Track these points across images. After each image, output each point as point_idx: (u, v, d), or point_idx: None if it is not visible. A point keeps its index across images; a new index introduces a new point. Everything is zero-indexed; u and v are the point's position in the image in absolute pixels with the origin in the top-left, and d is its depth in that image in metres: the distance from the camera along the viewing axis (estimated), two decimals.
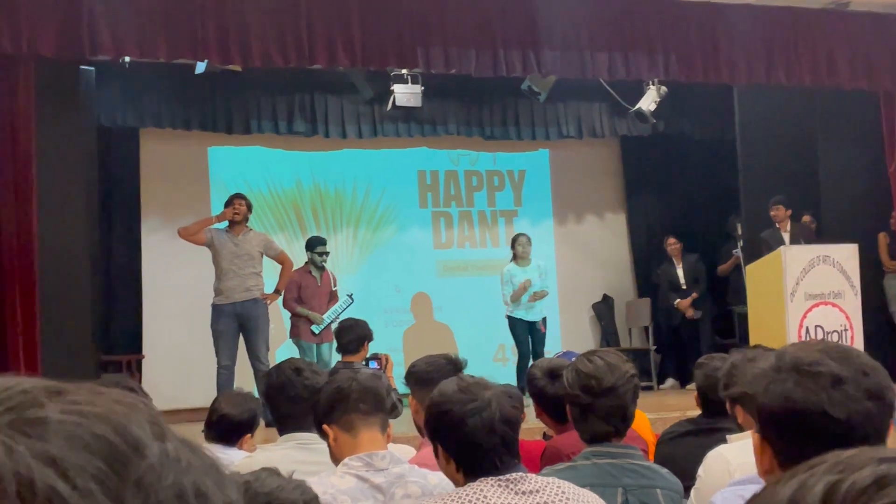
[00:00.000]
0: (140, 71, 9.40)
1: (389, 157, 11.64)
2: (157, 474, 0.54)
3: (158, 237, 10.60)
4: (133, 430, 0.55)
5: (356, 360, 6.57)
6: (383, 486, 2.77)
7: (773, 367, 1.54)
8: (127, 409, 0.57)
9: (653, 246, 11.99)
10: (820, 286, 7.79)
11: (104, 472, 0.52)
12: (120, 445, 0.54)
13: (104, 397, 0.57)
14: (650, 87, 10.14)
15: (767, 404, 1.53)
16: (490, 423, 2.39)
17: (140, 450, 0.54)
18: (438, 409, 2.47)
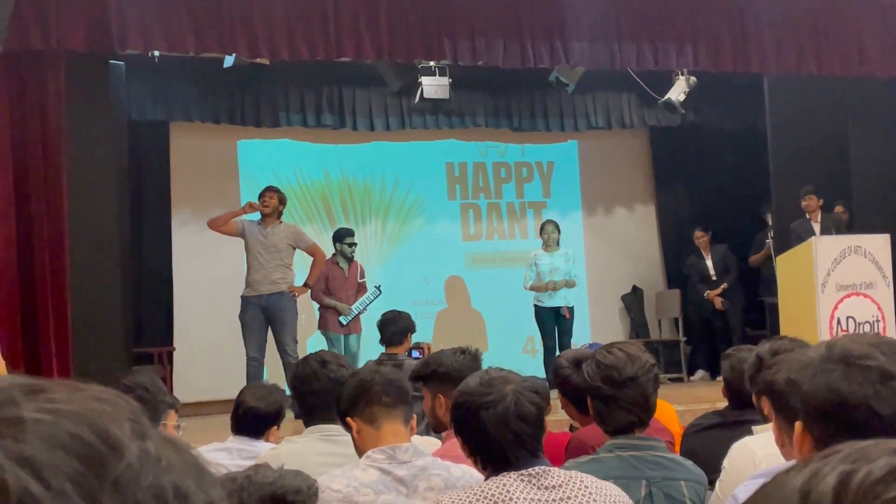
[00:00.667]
0: (169, 65, 9.45)
1: (417, 149, 11.64)
2: (136, 474, 0.53)
3: (188, 230, 10.67)
4: (111, 430, 0.54)
5: (400, 351, 6.60)
6: (406, 478, 2.78)
7: (822, 356, 1.53)
8: (106, 406, 0.56)
9: (682, 237, 11.93)
10: (851, 277, 7.72)
11: (80, 473, 0.51)
12: (97, 445, 0.53)
13: (83, 395, 0.56)
14: (679, 78, 10.07)
15: (812, 393, 1.52)
16: (503, 417, 2.39)
17: (118, 449, 0.53)
18: (458, 402, 2.48)
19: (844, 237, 8.25)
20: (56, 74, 7.79)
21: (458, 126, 11.35)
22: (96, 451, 0.52)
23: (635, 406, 2.91)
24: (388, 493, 2.76)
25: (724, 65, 8.84)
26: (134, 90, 9.88)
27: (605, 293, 12.06)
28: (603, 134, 11.98)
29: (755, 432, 3.06)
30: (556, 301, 9.60)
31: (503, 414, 2.39)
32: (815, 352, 1.56)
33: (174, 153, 10.87)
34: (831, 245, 7.86)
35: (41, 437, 0.51)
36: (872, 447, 0.65)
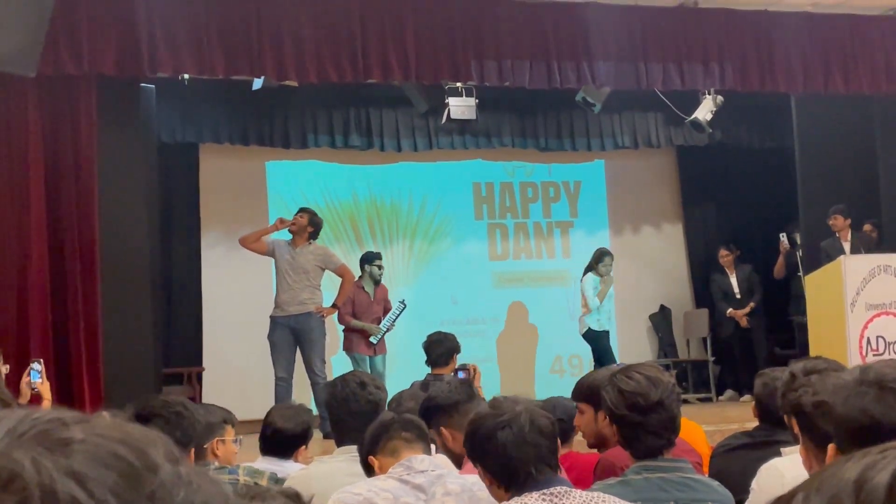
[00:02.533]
0: (199, 87, 9.54)
1: (444, 169, 11.68)
2: (169, 490, 0.58)
3: (218, 251, 10.74)
4: (148, 451, 0.59)
5: (445, 372, 6.63)
6: (424, 485, 2.84)
7: (856, 379, 1.53)
8: (145, 435, 0.61)
9: (710, 256, 11.88)
10: (881, 296, 7.67)
11: (120, 486, 0.56)
12: (136, 463, 0.58)
13: (124, 426, 0.62)
14: (706, 97, 10.06)
15: (846, 416, 1.53)
16: (521, 434, 2.41)
17: (154, 469, 0.58)
18: (472, 428, 2.50)
19: (873, 256, 8.21)
20: (87, 98, 7.90)
21: (485, 146, 11.38)
22: (134, 468, 0.58)
23: (664, 429, 2.90)
24: (407, 497, 2.80)
25: (750, 84, 8.83)
26: (164, 113, 9.98)
27: (633, 313, 12.02)
28: (630, 153, 11.97)
29: (784, 454, 3.05)
30: (605, 325, 9.92)
31: (520, 431, 2.41)
32: (849, 375, 1.57)
33: (203, 175, 10.96)
34: (860, 264, 7.83)
35: (87, 454, 0.57)
36: None
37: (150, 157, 9.31)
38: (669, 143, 11.82)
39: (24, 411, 0.61)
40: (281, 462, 3.92)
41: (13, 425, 0.58)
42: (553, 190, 12.26)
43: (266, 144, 10.72)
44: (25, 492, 0.54)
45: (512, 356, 11.55)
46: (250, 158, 10.97)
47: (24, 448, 0.56)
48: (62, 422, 0.59)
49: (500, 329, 11.70)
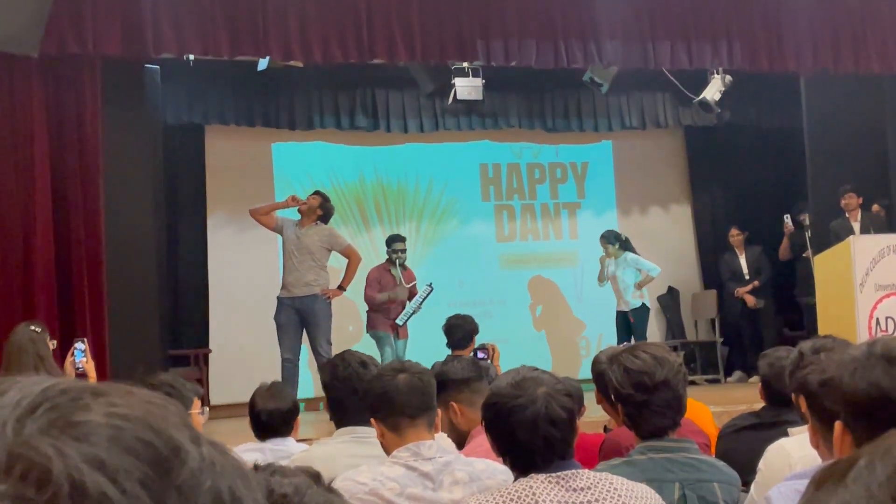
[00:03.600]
0: (203, 68, 9.51)
1: (451, 150, 11.63)
2: (197, 479, 0.56)
3: (224, 233, 10.73)
4: (174, 435, 0.56)
5: (465, 353, 6.71)
6: (431, 473, 2.80)
7: (863, 353, 1.51)
8: (162, 411, 0.58)
9: (719, 237, 11.84)
10: (890, 277, 7.61)
11: (149, 477, 0.53)
12: (162, 450, 0.55)
13: (137, 398, 0.58)
14: (714, 77, 10.00)
15: (853, 390, 1.51)
16: (533, 422, 2.37)
17: (181, 455, 0.56)
18: (489, 402, 2.47)
19: (883, 236, 8.14)
20: (92, 79, 7.87)
21: (492, 127, 11.33)
22: (162, 455, 0.55)
23: (669, 409, 2.86)
24: (414, 486, 2.77)
25: (759, 64, 8.76)
26: (169, 94, 9.95)
27: None
28: (637, 134, 11.91)
29: (791, 434, 3.02)
30: (622, 306, 9.97)
31: (533, 418, 2.37)
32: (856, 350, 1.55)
33: (209, 156, 10.94)
34: (869, 244, 7.77)
35: (110, 440, 0.54)
36: None
37: (155, 138, 9.29)
38: (677, 124, 11.76)
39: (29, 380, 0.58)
40: (283, 441, 3.93)
41: (20, 397, 0.55)
42: (560, 171, 12.20)
43: (272, 126, 10.69)
44: (53, 487, 0.51)
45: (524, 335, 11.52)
46: (256, 140, 10.94)
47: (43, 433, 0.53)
48: (77, 398, 0.56)
49: (506, 310, 11.64)
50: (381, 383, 2.93)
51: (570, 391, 2.49)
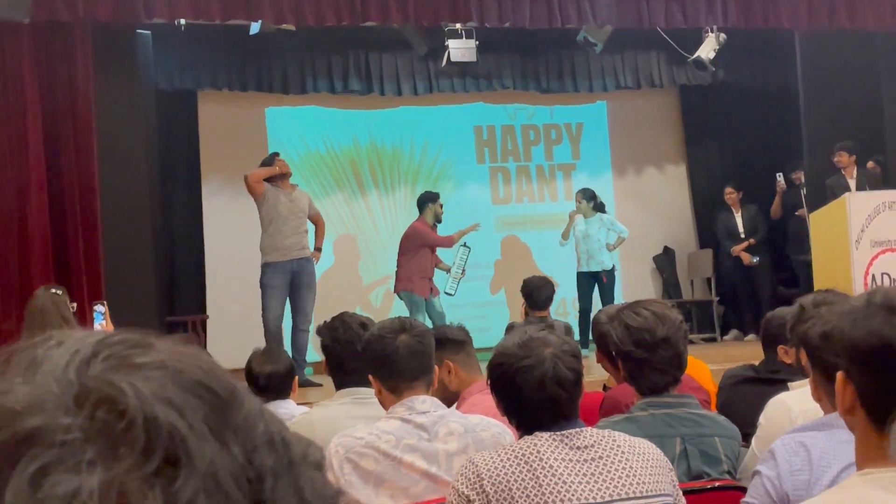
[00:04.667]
0: (195, 33, 9.44)
1: (445, 113, 11.59)
2: (252, 422, 0.58)
3: (219, 199, 10.71)
4: (227, 379, 0.60)
5: (545, 314, 6.80)
6: (427, 424, 2.84)
7: (863, 304, 1.52)
8: (208, 358, 0.61)
9: (714, 197, 11.82)
10: (886, 233, 7.62)
11: (209, 415, 0.56)
12: (220, 392, 0.58)
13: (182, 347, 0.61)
14: (709, 35, 9.94)
15: (854, 339, 1.52)
16: (540, 382, 2.37)
17: (237, 397, 0.59)
18: (495, 362, 2.47)
19: (878, 193, 8.14)
20: (84, 45, 7.82)
21: (486, 89, 11.29)
22: (220, 397, 0.57)
23: (669, 366, 2.88)
24: (410, 437, 2.80)
25: (754, 21, 8.72)
26: (161, 59, 9.89)
27: (637, 254, 11.99)
28: (632, 94, 11.87)
29: (791, 388, 3.04)
30: (593, 266, 9.74)
31: (540, 379, 2.38)
32: (856, 301, 1.55)
33: (202, 122, 10.89)
34: (865, 201, 7.77)
35: (172, 380, 0.56)
36: None
37: (148, 104, 9.25)
38: (672, 83, 11.72)
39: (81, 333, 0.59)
40: (284, 403, 3.96)
41: (78, 346, 0.57)
42: (555, 132, 12.17)
43: (265, 90, 10.64)
44: (128, 418, 0.53)
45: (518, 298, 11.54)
46: (249, 105, 10.90)
47: (111, 371, 0.55)
48: (136, 343, 0.58)
49: (503, 273, 11.66)
50: (382, 344, 2.93)
51: (576, 352, 2.50)
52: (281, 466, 0.58)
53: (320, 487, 0.60)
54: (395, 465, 2.78)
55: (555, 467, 2.30)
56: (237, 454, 0.55)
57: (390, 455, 2.78)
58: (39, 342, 0.58)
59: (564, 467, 2.31)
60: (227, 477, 0.54)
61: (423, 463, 2.80)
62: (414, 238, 9.26)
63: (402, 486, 2.78)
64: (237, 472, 0.55)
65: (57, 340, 0.58)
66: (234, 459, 0.55)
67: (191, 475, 0.52)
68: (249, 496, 0.55)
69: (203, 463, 0.53)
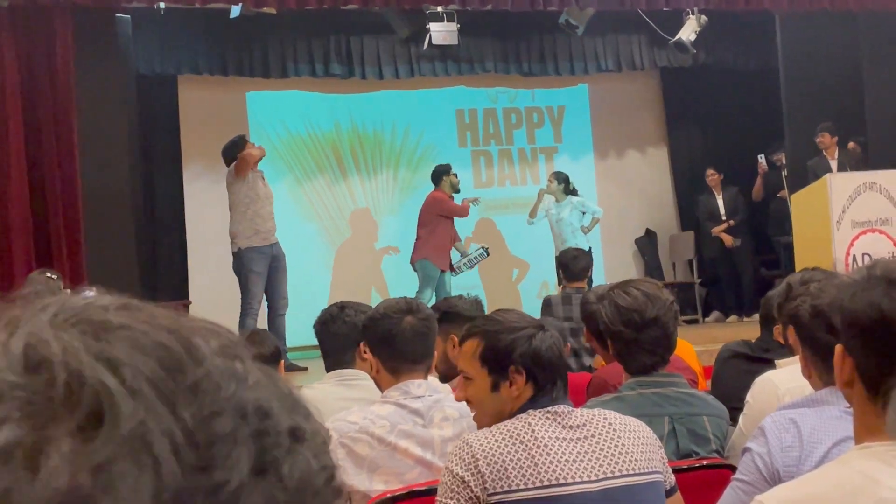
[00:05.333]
0: (175, 17, 9.39)
1: (427, 96, 11.57)
2: (215, 383, 0.54)
3: (200, 184, 10.66)
4: (195, 341, 0.55)
5: (582, 285, 6.75)
6: (422, 409, 2.83)
7: (863, 277, 1.53)
8: (199, 325, 0.57)
9: (695, 179, 11.86)
10: (867, 213, 7.67)
11: (158, 374, 0.52)
12: (178, 352, 0.54)
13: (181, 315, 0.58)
14: (690, 17, 9.96)
15: (853, 311, 1.52)
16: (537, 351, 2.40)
17: (198, 358, 0.54)
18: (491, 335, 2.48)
19: (859, 174, 8.18)
20: (63, 28, 7.75)
21: (468, 72, 11.26)
22: (175, 356, 0.54)
23: (658, 346, 2.88)
24: (405, 423, 2.79)
25: (734, 2, 8.74)
26: (141, 44, 9.83)
27: (619, 237, 12.03)
28: (613, 76, 11.88)
29: (778, 366, 3.06)
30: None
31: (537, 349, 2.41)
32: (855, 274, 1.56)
33: (183, 106, 10.84)
34: (846, 182, 7.81)
35: (127, 340, 0.53)
36: None
37: (128, 89, 9.19)
38: (653, 66, 11.73)
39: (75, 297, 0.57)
40: None
41: (57, 310, 0.55)
42: (537, 115, 12.17)
43: (246, 75, 10.59)
44: (49, 373, 0.51)
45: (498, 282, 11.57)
46: (230, 89, 10.84)
47: (56, 330, 0.53)
48: (104, 307, 0.56)
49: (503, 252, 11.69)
50: (388, 324, 2.89)
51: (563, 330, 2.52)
52: (244, 434, 0.53)
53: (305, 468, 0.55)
54: (390, 451, 2.77)
55: (549, 446, 2.31)
56: (185, 417, 0.51)
57: (385, 441, 2.77)
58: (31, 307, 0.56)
59: (558, 446, 2.32)
60: (162, 440, 0.50)
61: (417, 450, 2.79)
62: (433, 206, 9.30)
63: (397, 473, 2.77)
64: (178, 437, 0.51)
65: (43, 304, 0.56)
66: (179, 422, 0.51)
67: (112, 435, 0.49)
68: (192, 463, 0.51)
69: (130, 423, 0.50)
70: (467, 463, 2.31)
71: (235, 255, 8.31)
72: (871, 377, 1.51)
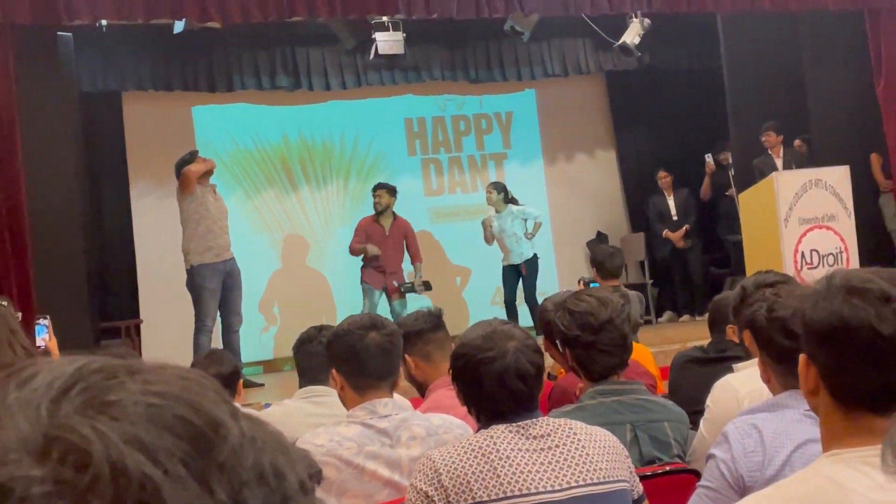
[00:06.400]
0: (118, 34, 9.31)
1: (375, 106, 11.55)
2: (239, 455, 0.54)
3: (148, 200, 10.56)
4: (213, 412, 0.55)
5: (616, 283, 6.70)
6: (389, 429, 2.81)
7: (823, 287, 1.56)
8: (199, 387, 0.57)
9: (644, 180, 11.95)
10: (813, 210, 7.79)
11: (190, 455, 0.52)
12: (202, 427, 0.53)
13: (172, 374, 0.57)
14: (633, 20, 10.03)
15: (815, 320, 1.55)
16: (501, 375, 2.38)
17: (221, 431, 0.54)
18: (458, 353, 2.48)
19: (804, 171, 8.31)
20: (4, 50, 7.63)
21: (415, 81, 11.27)
22: (202, 433, 0.53)
23: (615, 348, 2.94)
24: (372, 444, 2.77)
25: (677, 5, 8.81)
26: (83, 61, 9.72)
27: (570, 240, 12.09)
28: (560, 81, 11.94)
29: (736, 369, 3.09)
30: (514, 260, 9.80)
31: (502, 372, 2.38)
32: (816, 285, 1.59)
33: (128, 123, 10.73)
34: (792, 179, 7.92)
35: (149, 419, 0.52)
36: None
37: (72, 107, 9.09)
38: (599, 69, 11.81)
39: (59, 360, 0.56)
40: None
41: (52, 378, 0.54)
42: (485, 122, 12.21)
43: (191, 89, 10.51)
44: (94, 469, 0.49)
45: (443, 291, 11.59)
46: (176, 104, 10.75)
47: (80, 414, 0.51)
48: (112, 376, 0.54)
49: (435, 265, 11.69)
50: (351, 340, 2.88)
51: (538, 347, 2.51)
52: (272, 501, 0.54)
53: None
54: (358, 473, 2.75)
55: (512, 458, 2.31)
56: (221, 495, 0.52)
57: (352, 463, 2.75)
58: (15, 371, 0.55)
59: (521, 457, 2.32)
60: None
61: (385, 471, 2.77)
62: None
63: (366, 495, 2.74)
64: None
65: (32, 371, 0.55)
66: (216, 500, 0.51)
67: None
68: None
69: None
70: (430, 478, 2.31)
71: (188, 272, 8.22)
72: (835, 385, 1.54)
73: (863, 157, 9.58)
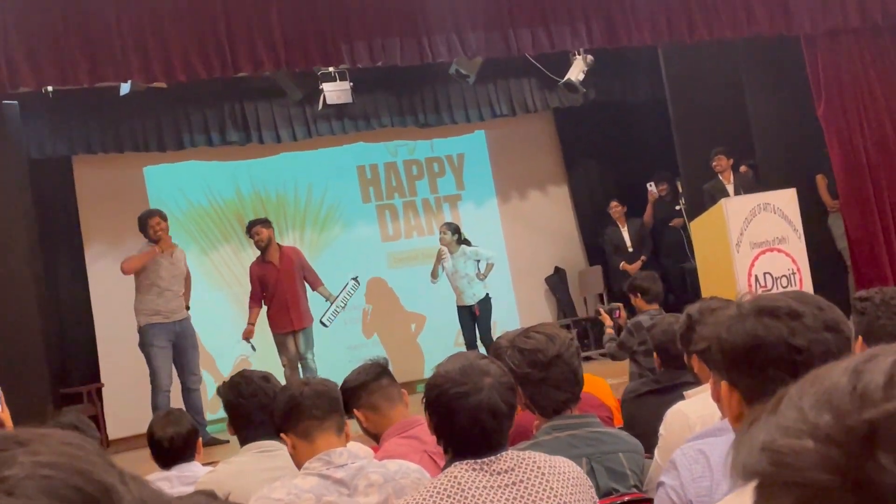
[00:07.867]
0: (65, 99, 9.28)
1: (327, 155, 11.60)
2: None
3: (104, 263, 10.49)
4: (101, 477, 0.56)
5: (654, 308, 6.66)
6: (346, 479, 2.80)
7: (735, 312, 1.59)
8: (85, 453, 0.57)
9: (598, 213, 12.07)
10: (763, 234, 7.89)
11: None
12: (95, 494, 0.54)
13: (58, 442, 0.57)
14: (576, 57, 10.18)
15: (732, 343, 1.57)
16: (475, 412, 2.39)
17: (113, 497, 0.55)
18: (433, 383, 2.48)
19: (753, 196, 8.42)
20: None
21: (365, 128, 11.32)
22: (95, 500, 0.54)
23: (566, 382, 2.96)
24: (330, 495, 2.77)
25: (618, 40, 8.93)
26: (31, 128, 9.69)
27: (529, 277, 12.15)
28: (509, 121, 12.05)
29: (687, 396, 3.12)
30: (467, 300, 9.82)
31: (475, 407, 2.39)
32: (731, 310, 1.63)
33: (80, 187, 10.68)
34: (741, 204, 8.03)
35: (43, 492, 0.53)
36: None
37: (21, 174, 9.05)
38: (546, 107, 11.94)
39: None
40: (189, 466, 3.90)
41: None
42: (437, 165, 12.28)
43: (141, 150, 10.48)
44: None
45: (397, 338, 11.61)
46: (127, 165, 10.73)
47: None
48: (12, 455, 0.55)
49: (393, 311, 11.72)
50: (289, 391, 2.96)
51: (513, 385, 2.52)
52: None
53: None
54: None
55: (476, 496, 2.32)
56: None
57: None
58: None
59: (487, 495, 2.33)
60: None
61: None
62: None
63: None
64: None
65: None
66: None
67: None
68: None
69: None
70: None
71: (139, 331, 8.40)
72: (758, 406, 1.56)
73: (808, 179, 9.74)
